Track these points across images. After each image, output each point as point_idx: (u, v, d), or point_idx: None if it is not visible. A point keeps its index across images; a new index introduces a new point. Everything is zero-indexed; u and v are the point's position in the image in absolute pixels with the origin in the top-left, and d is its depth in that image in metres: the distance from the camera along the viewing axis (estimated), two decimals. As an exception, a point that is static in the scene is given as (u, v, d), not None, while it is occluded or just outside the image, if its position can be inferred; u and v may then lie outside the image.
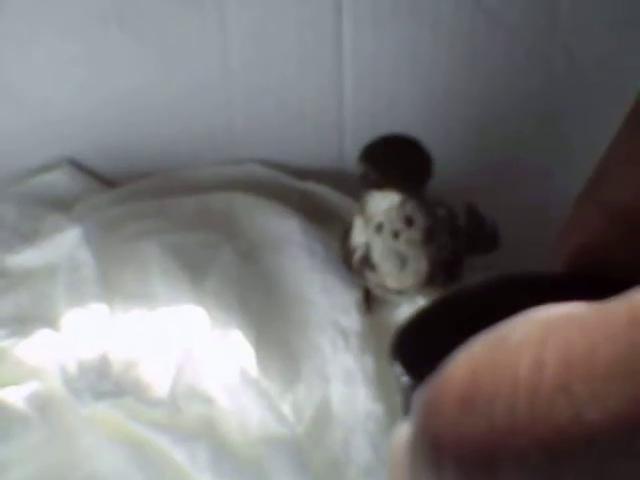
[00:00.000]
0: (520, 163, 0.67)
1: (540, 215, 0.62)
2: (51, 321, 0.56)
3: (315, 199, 0.67)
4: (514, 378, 0.18)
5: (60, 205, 0.65)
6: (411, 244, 0.52)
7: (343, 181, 0.67)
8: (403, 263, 0.53)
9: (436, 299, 0.28)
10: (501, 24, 0.62)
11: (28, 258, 0.61)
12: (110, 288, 0.58)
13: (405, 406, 0.24)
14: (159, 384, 0.53)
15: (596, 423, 0.17)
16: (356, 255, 0.55)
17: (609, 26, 0.62)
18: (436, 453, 0.19)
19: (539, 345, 0.18)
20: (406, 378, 0.24)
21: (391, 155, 0.52)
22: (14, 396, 0.52)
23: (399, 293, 0.55)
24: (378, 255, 0.53)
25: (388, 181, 0.51)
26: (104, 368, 0.54)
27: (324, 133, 0.67)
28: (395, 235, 0.52)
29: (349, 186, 0.65)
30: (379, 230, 0.52)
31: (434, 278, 0.53)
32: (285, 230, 0.62)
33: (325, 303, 0.58)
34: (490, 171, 0.67)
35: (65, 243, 0.60)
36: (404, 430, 0.22)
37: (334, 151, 0.68)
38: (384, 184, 0.51)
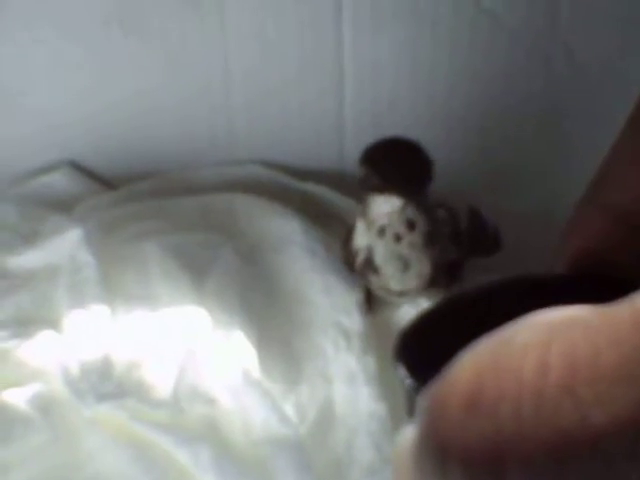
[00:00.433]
0: (521, 164, 0.67)
1: (542, 216, 0.62)
2: (53, 322, 0.56)
3: (315, 200, 0.67)
4: (519, 381, 0.18)
5: (61, 206, 0.65)
6: (413, 247, 0.52)
7: (343, 182, 0.67)
8: (405, 266, 0.53)
9: (439, 301, 0.28)
10: (501, 25, 0.62)
11: (29, 259, 0.61)
12: (111, 289, 0.58)
13: (409, 409, 0.24)
14: (161, 385, 0.53)
15: (601, 427, 0.17)
16: (358, 258, 0.55)
17: (610, 26, 0.62)
18: (442, 457, 0.19)
19: (543, 348, 0.18)
20: (410, 381, 0.24)
21: (392, 159, 0.52)
22: (16, 398, 0.52)
23: (401, 295, 0.55)
24: (380, 258, 0.53)
25: (389, 185, 0.51)
26: (106, 369, 0.54)
27: (324, 134, 0.68)
28: (397, 239, 0.52)
29: (349, 187, 0.65)
30: (381, 234, 0.53)
31: (436, 280, 0.54)
32: (286, 231, 0.62)
33: (326, 304, 0.58)
34: (491, 172, 0.67)
35: (66, 244, 0.60)
36: (409, 433, 0.21)
37: (334, 152, 0.68)
38: (385, 188, 0.51)
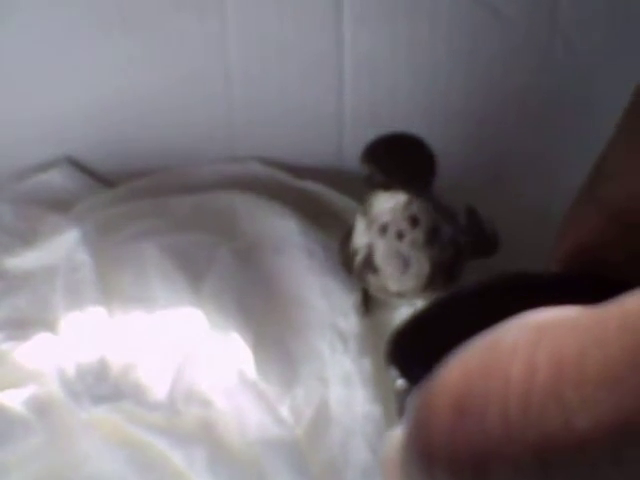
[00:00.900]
0: (519, 156, 0.67)
1: (540, 210, 0.62)
2: (49, 324, 0.56)
3: (313, 198, 0.66)
4: (506, 383, 0.18)
5: (58, 205, 0.65)
6: (414, 245, 0.52)
7: (342, 179, 0.67)
8: (405, 265, 0.53)
9: (432, 301, 0.28)
10: (500, 17, 0.62)
11: (26, 260, 0.61)
12: (108, 290, 0.58)
13: (400, 409, 0.24)
14: (157, 387, 0.53)
15: (586, 430, 0.17)
16: (357, 258, 0.54)
17: (609, 17, 0.62)
18: (428, 458, 0.19)
19: (531, 349, 0.18)
20: (401, 381, 0.24)
21: (395, 154, 0.51)
22: (13, 399, 0.52)
23: (399, 296, 0.55)
24: (380, 257, 0.53)
25: (394, 181, 0.50)
26: (102, 371, 0.54)
27: (323, 131, 0.67)
28: (399, 236, 0.52)
29: (347, 184, 0.65)
30: (383, 231, 0.52)
31: (434, 281, 0.53)
32: (284, 231, 0.62)
33: (324, 305, 0.58)
34: (489, 164, 0.67)
35: (63, 245, 0.60)
36: (397, 434, 0.22)
37: (333, 149, 0.68)
38: (390, 184, 0.51)
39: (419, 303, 0.56)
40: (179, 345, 0.55)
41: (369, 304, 0.59)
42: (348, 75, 0.65)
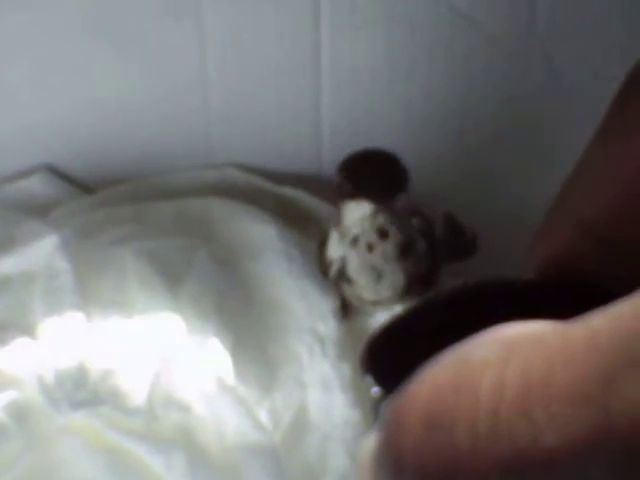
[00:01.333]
0: (498, 168, 0.67)
1: (518, 220, 0.63)
2: (28, 329, 0.56)
3: (292, 204, 0.67)
4: (476, 399, 0.18)
5: (37, 211, 0.65)
6: (386, 258, 0.53)
7: (320, 186, 0.67)
8: (379, 277, 0.53)
9: (408, 308, 0.28)
10: (481, 30, 0.62)
11: (4, 265, 0.60)
12: (87, 296, 0.58)
13: (375, 416, 0.24)
14: (136, 392, 0.53)
15: (553, 448, 0.17)
16: (332, 269, 0.55)
17: (588, 32, 0.62)
18: (399, 471, 0.19)
19: (500, 365, 0.18)
20: (376, 389, 0.24)
21: (366, 167, 0.53)
22: (-9, 405, 0.52)
23: (375, 304, 0.55)
24: (353, 269, 0.54)
25: (360, 190, 0.52)
26: (81, 377, 0.54)
27: (302, 138, 0.68)
28: (369, 248, 0.52)
29: (326, 191, 0.65)
30: (354, 243, 0.53)
31: (410, 290, 0.54)
32: (262, 236, 0.62)
33: (302, 310, 0.59)
34: (468, 176, 0.67)
35: (42, 251, 0.60)
36: (371, 442, 0.21)
37: (312, 156, 0.68)
38: (356, 193, 0.52)
39: (397, 309, 0.57)
40: (158, 350, 0.55)
41: (348, 309, 0.59)
42: (326, 82, 0.65)
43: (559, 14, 0.62)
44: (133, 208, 0.65)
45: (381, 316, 0.58)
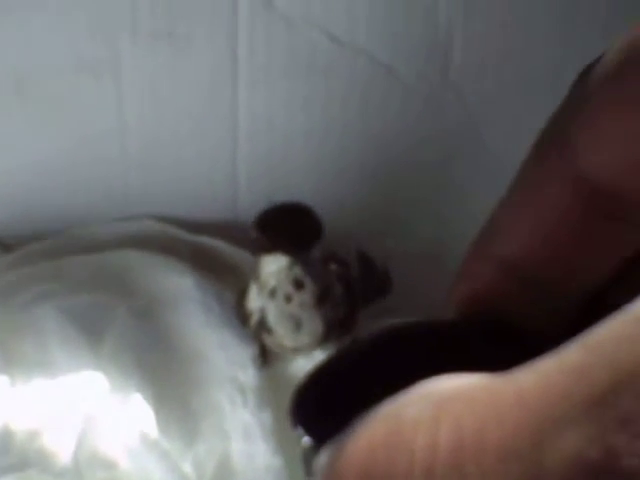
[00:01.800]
0: (413, 209, 0.69)
1: (433, 258, 0.65)
2: (-49, 395, 0.57)
3: (210, 253, 0.68)
4: (411, 457, 0.18)
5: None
6: (304, 307, 0.55)
7: (237, 234, 0.68)
8: (297, 325, 0.55)
9: (332, 354, 0.27)
10: (397, 78, 0.64)
11: None
12: (9, 358, 0.58)
13: (307, 468, 0.23)
14: (62, 452, 0.54)
15: None
16: (252, 319, 0.57)
17: (499, 68, 0.64)
18: None
19: (432, 423, 0.19)
20: (307, 439, 0.23)
21: (280, 220, 0.55)
22: None
23: (295, 351, 0.57)
24: (273, 319, 0.56)
25: (275, 245, 0.54)
26: (6, 441, 0.54)
27: (218, 188, 0.69)
28: (287, 299, 0.55)
29: (243, 240, 0.67)
30: (272, 295, 0.55)
31: (330, 336, 0.56)
32: (180, 287, 0.64)
33: (222, 359, 0.60)
34: (384, 217, 0.69)
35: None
36: None
37: (228, 205, 0.69)
38: (271, 247, 0.54)
39: (318, 355, 0.58)
40: (81, 409, 0.56)
41: (267, 356, 0.61)
42: (243, 133, 0.67)
43: (471, 55, 0.64)
44: (51, 265, 0.65)
45: (301, 361, 0.60)
